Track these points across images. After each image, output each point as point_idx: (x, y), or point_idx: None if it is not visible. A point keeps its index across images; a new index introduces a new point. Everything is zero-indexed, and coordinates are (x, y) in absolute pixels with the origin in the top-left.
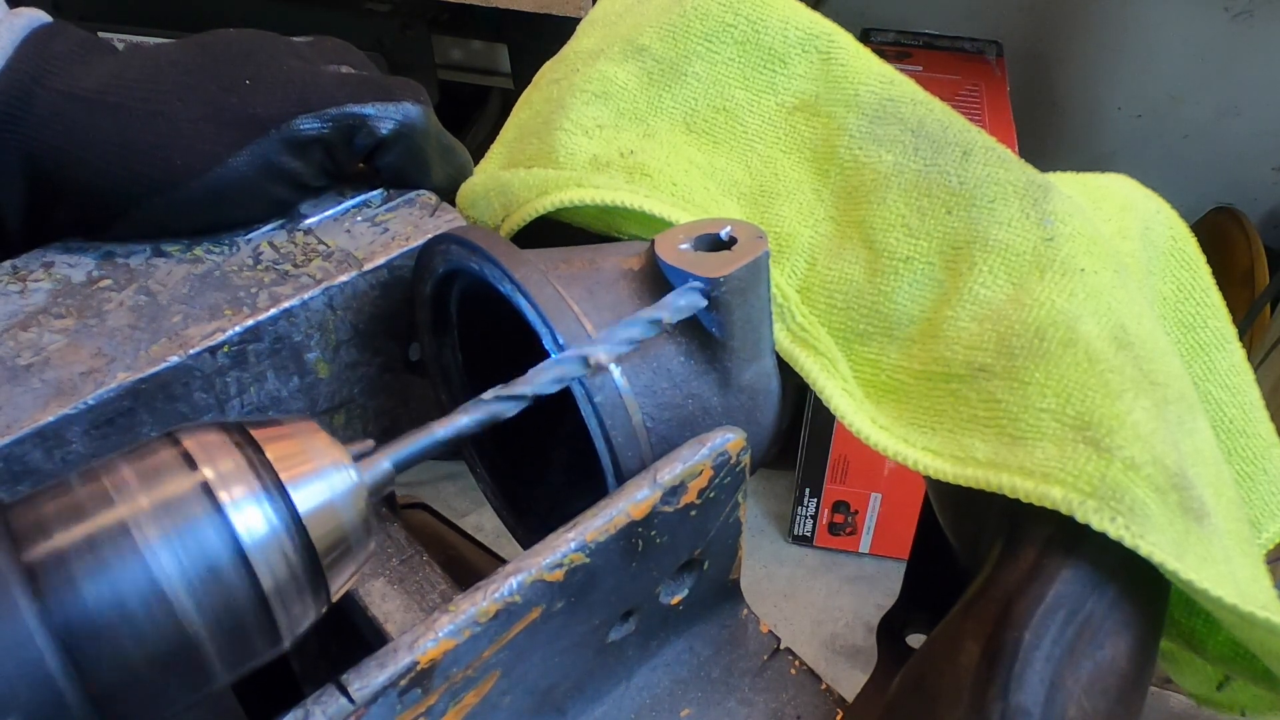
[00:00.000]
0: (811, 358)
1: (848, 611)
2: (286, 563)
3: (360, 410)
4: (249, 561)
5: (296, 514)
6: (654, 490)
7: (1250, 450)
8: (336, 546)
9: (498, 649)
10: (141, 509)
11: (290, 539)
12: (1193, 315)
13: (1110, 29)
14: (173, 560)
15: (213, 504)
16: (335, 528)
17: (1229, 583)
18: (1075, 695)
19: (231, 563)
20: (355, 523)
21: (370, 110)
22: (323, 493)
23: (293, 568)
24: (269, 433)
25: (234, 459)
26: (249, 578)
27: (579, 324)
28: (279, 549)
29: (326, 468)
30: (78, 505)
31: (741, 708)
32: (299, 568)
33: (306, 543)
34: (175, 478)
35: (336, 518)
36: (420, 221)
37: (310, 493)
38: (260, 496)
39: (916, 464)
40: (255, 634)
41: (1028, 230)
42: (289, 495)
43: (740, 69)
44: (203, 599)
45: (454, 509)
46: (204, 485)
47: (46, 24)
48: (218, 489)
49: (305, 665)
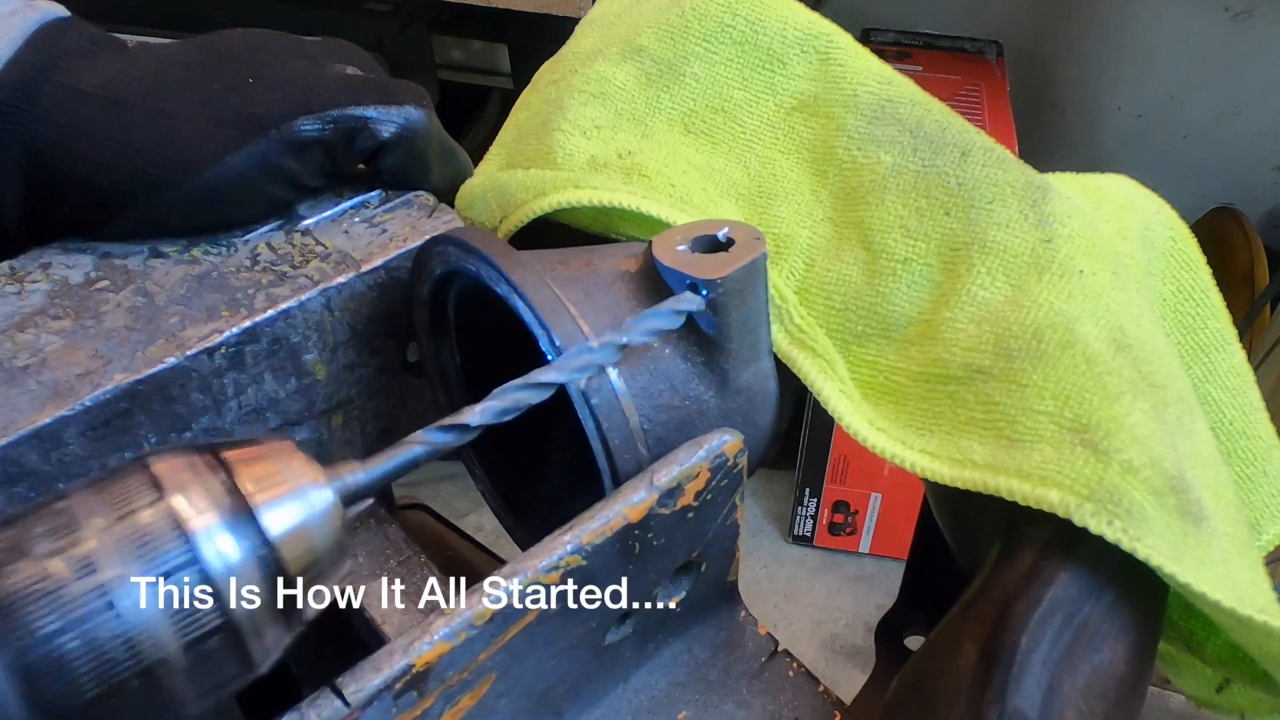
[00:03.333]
0: (809, 359)
1: (848, 611)
2: (258, 590)
3: (358, 411)
4: (218, 592)
5: (268, 540)
6: (651, 492)
7: (1250, 452)
8: (310, 569)
9: (494, 651)
10: (106, 539)
11: (261, 566)
12: (1192, 316)
13: (1110, 29)
14: (138, 593)
15: (180, 533)
16: (308, 551)
17: (1227, 586)
18: (1073, 698)
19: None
20: (329, 544)
21: (372, 113)
22: (296, 516)
23: (264, 595)
24: (242, 454)
25: (204, 485)
26: (218, 608)
27: (576, 325)
28: (249, 577)
29: (301, 489)
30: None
31: (739, 710)
32: (270, 594)
33: (279, 569)
34: (143, 506)
35: (309, 541)
36: (418, 223)
37: (283, 516)
38: (231, 523)
39: (914, 466)
40: (227, 663)
41: (1026, 231)
42: (260, 521)
43: (739, 69)
44: (170, 631)
45: (453, 509)
46: (171, 514)
47: (62, 18)
48: (187, 517)
49: (303, 667)
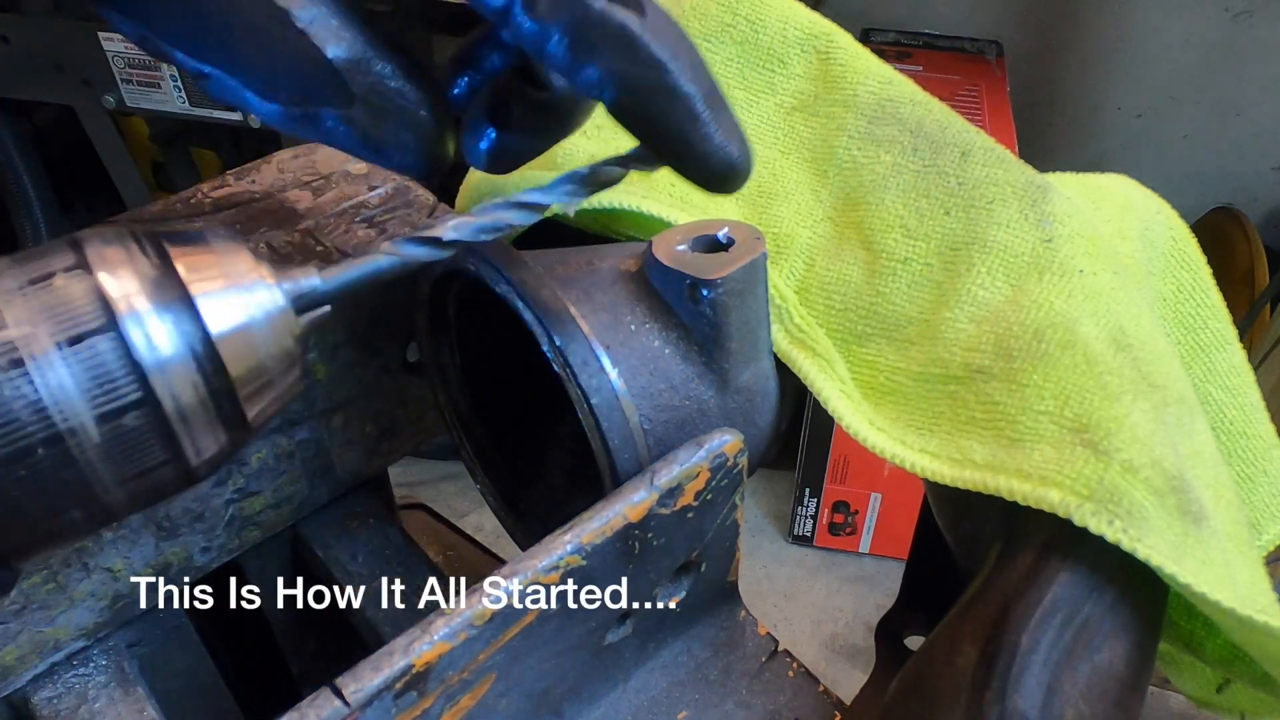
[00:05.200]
0: (809, 359)
1: (848, 611)
2: (194, 388)
3: (358, 412)
4: (148, 382)
5: (207, 334)
6: (651, 492)
7: (1250, 452)
8: (254, 375)
9: (494, 651)
10: (18, 300)
11: (198, 362)
12: (1193, 316)
13: (1110, 29)
14: (50, 355)
15: (102, 305)
16: (250, 353)
17: (1228, 586)
18: (1073, 698)
19: (127, 382)
20: (276, 351)
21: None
22: (240, 313)
23: (200, 394)
24: (183, 246)
25: (136, 267)
26: (136, 378)
27: (576, 325)
28: (185, 371)
29: (247, 284)
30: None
31: (739, 710)
32: (207, 394)
33: (219, 367)
34: (68, 286)
35: (252, 342)
36: (417, 222)
37: (225, 312)
38: (164, 311)
39: (914, 466)
40: (149, 448)
41: (1026, 231)
42: (198, 312)
43: (739, 69)
44: (81, 399)
45: (453, 509)
46: (96, 289)
47: None
48: (115, 300)
49: (303, 667)
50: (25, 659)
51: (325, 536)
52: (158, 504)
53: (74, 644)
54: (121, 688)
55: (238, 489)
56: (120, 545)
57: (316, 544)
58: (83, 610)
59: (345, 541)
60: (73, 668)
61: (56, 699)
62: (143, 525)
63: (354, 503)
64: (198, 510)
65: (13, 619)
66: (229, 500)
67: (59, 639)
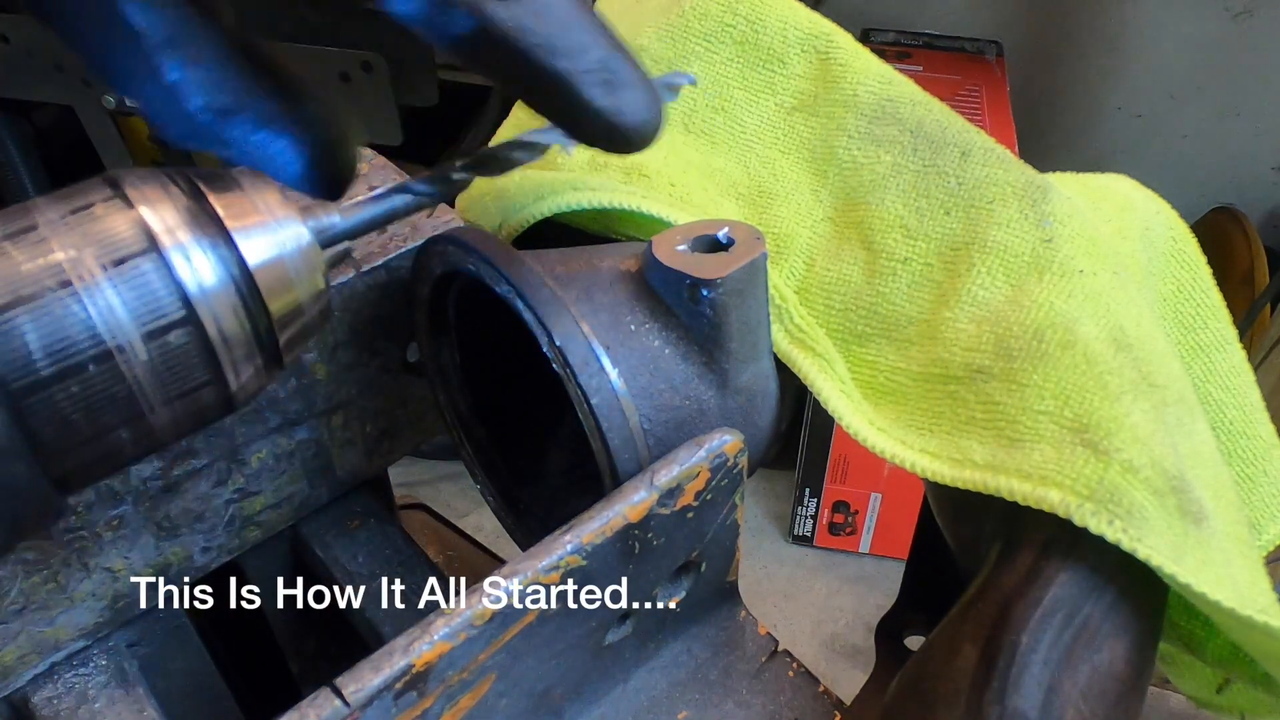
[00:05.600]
0: (809, 359)
1: (848, 611)
2: (234, 312)
3: (358, 412)
4: (191, 304)
5: (245, 264)
6: (651, 493)
7: (1250, 452)
8: (287, 305)
9: (494, 651)
10: (72, 242)
11: (238, 289)
12: (1193, 316)
13: (1110, 29)
14: (107, 297)
15: (150, 243)
16: (283, 285)
17: (1228, 586)
18: (1073, 699)
19: (171, 302)
20: (306, 282)
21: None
22: (273, 247)
23: (240, 318)
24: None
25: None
26: (181, 297)
27: (576, 325)
28: (225, 297)
29: (278, 220)
30: (5, 250)
31: (739, 710)
32: (247, 319)
33: (256, 295)
34: (110, 215)
35: (285, 274)
36: (418, 222)
37: (259, 245)
38: (204, 241)
39: (914, 466)
40: (194, 367)
41: (1026, 231)
42: (235, 244)
43: (739, 69)
44: (128, 317)
45: (453, 509)
46: (141, 225)
47: None
48: (158, 233)
49: (303, 667)
50: (25, 659)
51: (325, 536)
52: (197, 431)
53: (74, 644)
54: (121, 687)
55: (238, 489)
56: (120, 545)
57: (316, 544)
58: (83, 610)
59: (345, 541)
60: (73, 667)
61: (56, 699)
62: (143, 525)
63: (354, 503)
64: (198, 510)
65: (13, 619)
66: (229, 500)
67: (59, 639)
